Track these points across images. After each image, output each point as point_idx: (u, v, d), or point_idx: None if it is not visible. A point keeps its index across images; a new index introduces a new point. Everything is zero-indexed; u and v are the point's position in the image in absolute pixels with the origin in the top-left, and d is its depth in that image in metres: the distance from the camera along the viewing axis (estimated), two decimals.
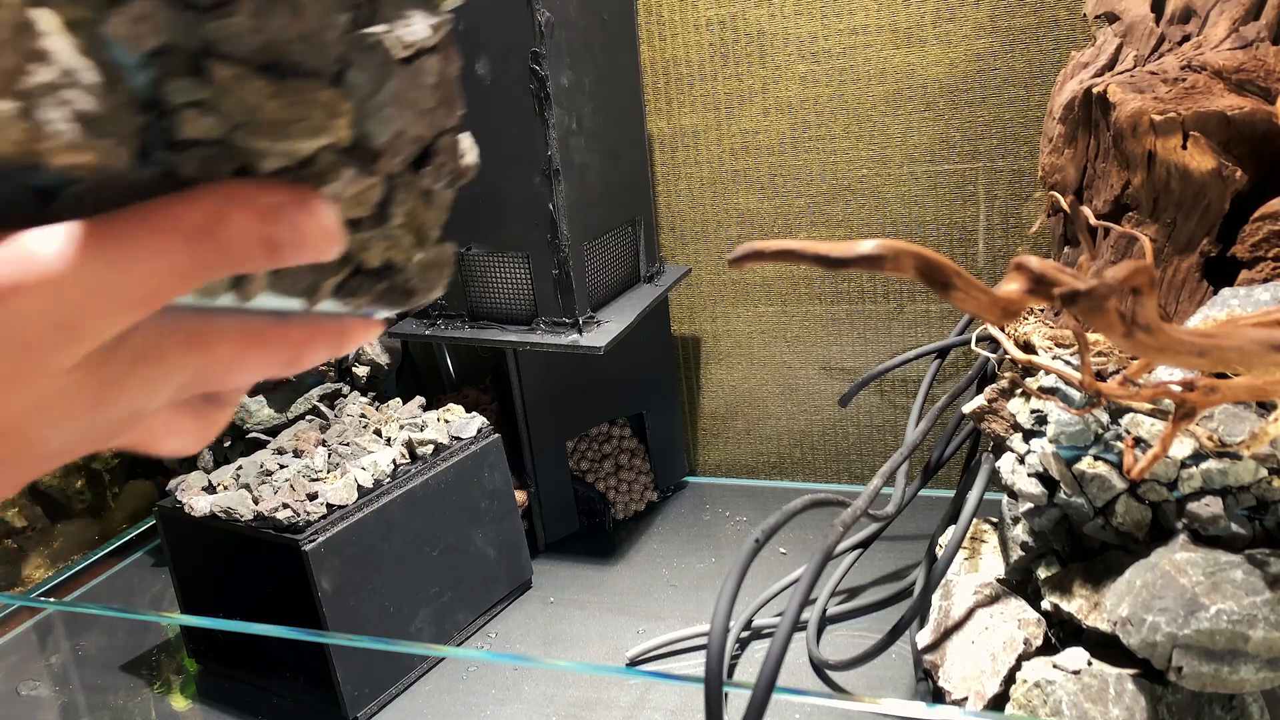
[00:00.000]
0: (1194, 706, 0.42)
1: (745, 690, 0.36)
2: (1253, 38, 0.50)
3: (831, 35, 0.83)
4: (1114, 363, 0.48)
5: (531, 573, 0.75)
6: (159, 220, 0.22)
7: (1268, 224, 0.47)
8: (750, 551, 0.42)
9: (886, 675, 0.57)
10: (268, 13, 0.26)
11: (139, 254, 0.22)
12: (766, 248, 0.27)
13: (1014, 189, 0.81)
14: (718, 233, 0.92)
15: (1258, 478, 0.43)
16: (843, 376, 0.91)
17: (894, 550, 0.72)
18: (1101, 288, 0.26)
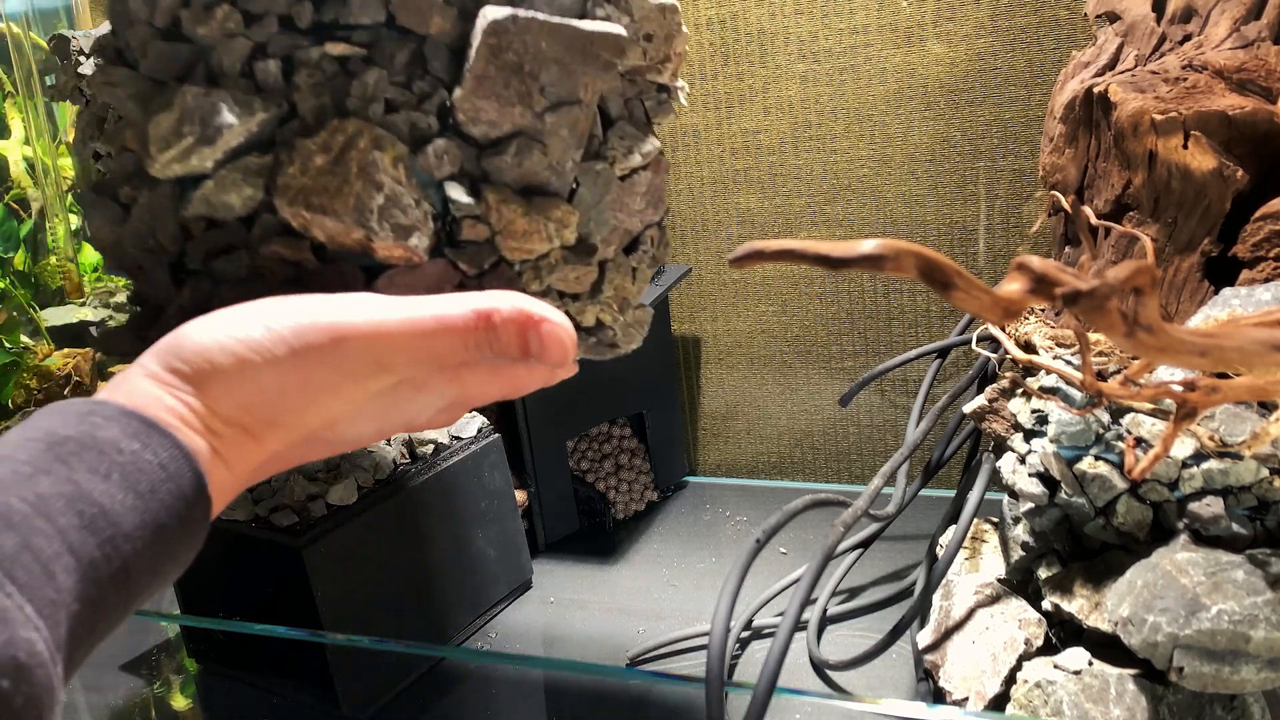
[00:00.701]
0: (1195, 707, 0.42)
1: (746, 690, 0.36)
2: (1254, 37, 0.50)
3: (831, 35, 0.83)
4: (1115, 362, 0.48)
5: (531, 573, 0.75)
6: (456, 309, 0.33)
7: (1269, 224, 0.47)
8: (751, 551, 0.42)
9: (887, 675, 0.57)
10: (526, 152, 0.38)
11: (437, 329, 0.33)
12: (767, 247, 0.27)
13: (1015, 188, 0.81)
14: (718, 232, 0.92)
15: (1259, 478, 0.43)
16: (843, 376, 0.91)
17: (894, 550, 0.72)
18: (1103, 288, 0.26)
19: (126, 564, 0.27)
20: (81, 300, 1.16)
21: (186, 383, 0.31)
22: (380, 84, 0.38)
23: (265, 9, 0.38)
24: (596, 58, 0.39)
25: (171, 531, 0.29)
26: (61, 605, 0.25)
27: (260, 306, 0.32)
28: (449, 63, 0.39)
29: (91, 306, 1.15)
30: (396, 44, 0.39)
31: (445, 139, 0.38)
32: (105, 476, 0.27)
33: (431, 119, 0.38)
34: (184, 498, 0.29)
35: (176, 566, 0.30)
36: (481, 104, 0.38)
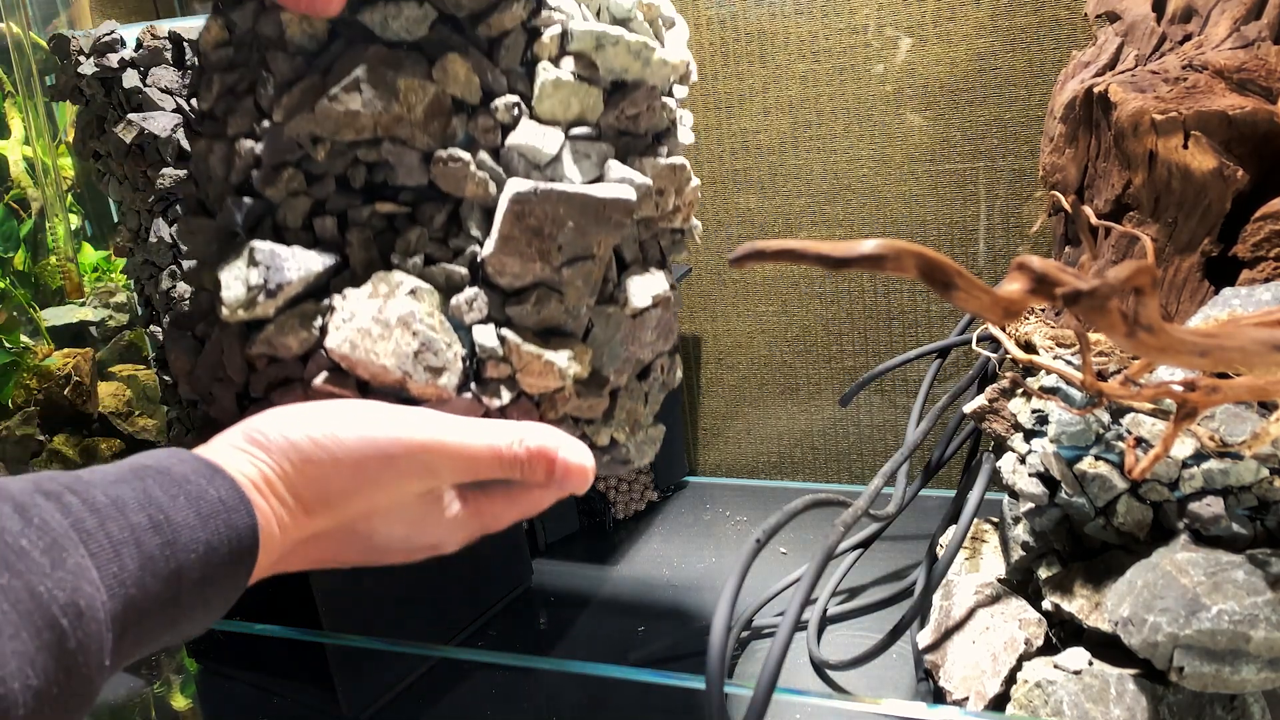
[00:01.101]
0: (1195, 707, 0.42)
1: (746, 690, 0.36)
2: (1254, 37, 0.50)
3: (831, 35, 0.83)
4: (1115, 362, 0.48)
5: (531, 573, 0.75)
6: (494, 435, 0.39)
7: (1269, 223, 0.47)
8: (751, 551, 0.42)
9: (887, 675, 0.57)
10: (545, 301, 0.43)
11: (484, 454, 0.39)
12: (768, 247, 0.27)
13: (1015, 188, 0.81)
14: (718, 232, 0.92)
15: (1259, 478, 0.43)
16: (843, 376, 0.91)
17: (894, 550, 0.72)
18: (1103, 288, 0.26)
19: (180, 570, 0.31)
20: (81, 300, 1.16)
21: (263, 450, 0.36)
22: (421, 240, 0.44)
23: (325, 170, 0.43)
24: (609, 219, 0.44)
25: (221, 557, 0.33)
26: (121, 584, 0.29)
27: (341, 405, 0.39)
28: (482, 220, 0.44)
29: (91, 306, 1.15)
30: (436, 206, 0.44)
31: (475, 289, 0.43)
32: (173, 497, 0.32)
33: (464, 271, 0.44)
34: (236, 531, 0.34)
35: (219, 597, 0.34)
36: (506, 260, 0.43)
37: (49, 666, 0.26)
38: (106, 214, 1.17)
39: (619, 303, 0.47)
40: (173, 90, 0.65)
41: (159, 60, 0.64)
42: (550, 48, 0.44)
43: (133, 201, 0.69)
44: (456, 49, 0.43)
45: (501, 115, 0.43)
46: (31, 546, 0.27)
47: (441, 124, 0.43)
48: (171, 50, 0.64)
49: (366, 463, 0.37)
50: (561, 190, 0.42)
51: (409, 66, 0.42)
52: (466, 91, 0.43)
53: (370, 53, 0.42)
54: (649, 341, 0.49)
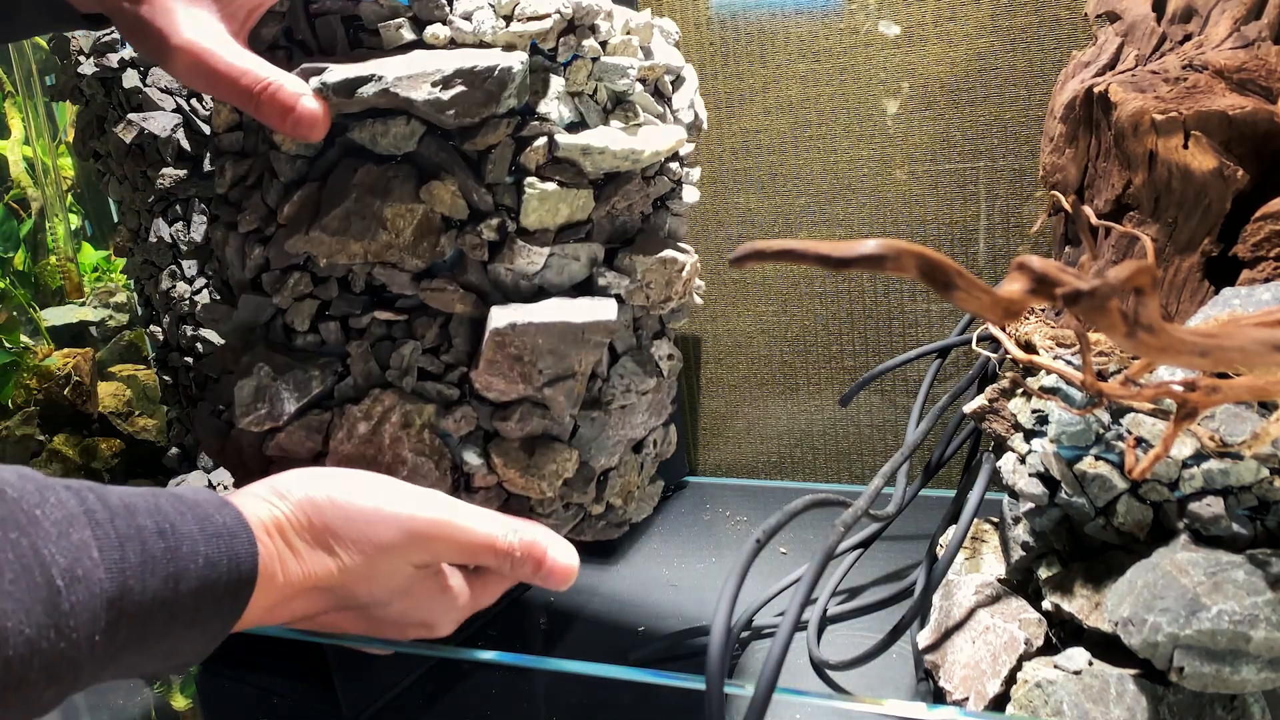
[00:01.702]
0: (1195, 707, 0.42)
1: (746, 690, 0.36)
2: (1254, 37, 0.50)
3: (832, 35, 0.83)
4: (1115, 362, 0.48)
5: None
6: (493, 526, 0.42)
7: (1269, 223, 0.47)
8: (751, 551, 0.41)
9: (887, 675, 0.57)
10: (529, 417, 0.46)
11: (481, 543, 0.42)
12: (768, 247, 0.27)
13: (1015, 188, 0.81)
14: (718, 232, 0.92)
15: (1259, 478, 0.43)
16: (843, 376, 0.91)
17: (894, 550, 0.72)
18: (1104, 288, 0.26)
19: (178, 575, 0.33)
20: (81, 300, 1.16)
21: (281, 500, 0.40)
22: (414, 355, 0.46)
23: (328, 274, 0.46)
24: (588, 341, 0.45)
25: (219, 574, 0.35)
26: (120, 572, 0.31)
27: (363, 475, 0.42)
28: (470, 333, 0.46)
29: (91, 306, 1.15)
30: (428, 320, 0.46)
31: (465, 405, 0.46)
32: (181, 514, 0.35)
33: (454, 389, 0.46)
34: (236, 556, 0.36)
35: (214, 620, 0.36)
36: (492, 379, 0.45)
37: (41, 621, 0.28)
38: (106, 214, 1.17)
39: (606, 403, 0.49)
40: (172, 90, 0.65)
41: None
42: (537, 157, 0.44)
43: (133, 201, 0.69)
44: (443, 164, 0.44)
45: (488, 235, 0.44)
46: (44, 517, 0.29)
47: (430, 243, 0.44)
48: None
49: (375, 528, 0.40)
50: (540, 322, 0.44)
51: (397, 188, 0.44)
52: (453, 210, 0.44)
53: (359, 176, 0.44)
54: (641, 422, 0.52)
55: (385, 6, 0.45)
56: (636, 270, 0.48)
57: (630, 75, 0.47)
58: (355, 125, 0.44)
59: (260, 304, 0.48)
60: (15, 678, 0.27)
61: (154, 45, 0.42)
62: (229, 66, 0.41)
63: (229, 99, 0.42)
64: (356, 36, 0.46)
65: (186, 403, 0.73)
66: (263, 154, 0.48)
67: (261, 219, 0.47)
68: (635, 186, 0.48)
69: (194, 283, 0.67)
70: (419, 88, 0.41)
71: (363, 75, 0.41)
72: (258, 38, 0.47)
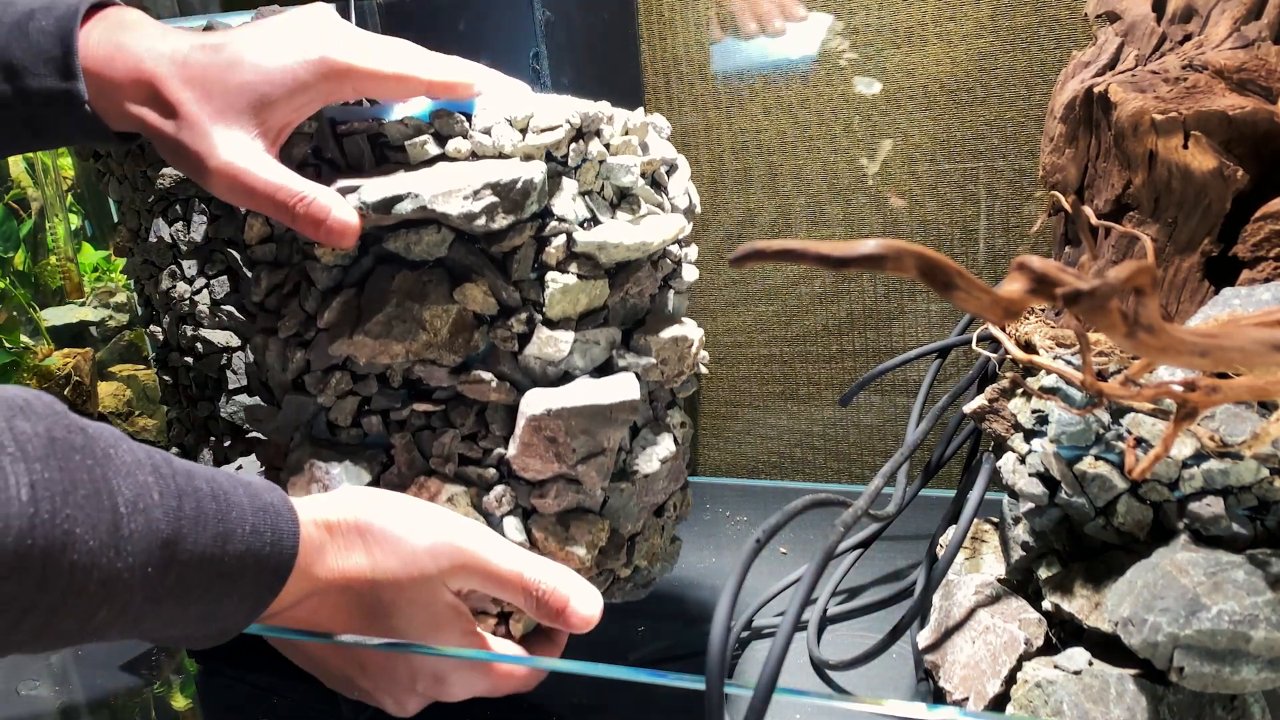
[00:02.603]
0: (1195, 707, 0.42)
1: (746, 690, 0.36)
2: (1254, 37, 0.50)
3: (832, 35, 0.83)
4: (1115, 362, 0.48)
5: None
6: (524, 564, 0.44)
7: (1269, 223, 0.47)
8: (751, 551, 0.41)
9: (887, 675, 0.57)
10: (563, 493, 0.49)
11: (507, 571, 0.44)
12: (768, 247, 0.27)
13: (1015, 188, 0.81)
14: (718, 232, 0.92)
15: (1259, 478, 0.43)
16: (843, 376, 0.91)
17: (894, 550, 0.72)
18: (1104, 288, 0.26)
19: (226, 535, 0.36)
20: (81, 300, 1.16)
21: (329, 499, 0.43)
22: (454, 443, 0.49)
23: (367, 372, 0.49)
24: (615, 419, 0.48)
25: (263, 543, 0.38)
26: (176, 520, 0.34)
27: (410, 501, 0.45)
28: (505, 419, 0.49)
29: (91, 306, 1.15)
30: (465, 409, 0.49)
31: (503, 486, 0.49)
32: (234, 486, 0.38)
33: (493, 471, 0.49)
34: (279, 532, 0.39)
35: (251, 592, 0.38)
36: (528, 460, 0.48)
37: (104, 539, 0.31)
38: (106, 214, 1.17)
39: (631, 474, 0.51)
40: None
41: None
42: (557, 254, 0.48)
43: (133, 201, 0.69)
44: (473, 266, 0.48)
45: (517, 328, 0.48)
46: (116, 456, 0.33)
47: (465, 338, 0.48)
48: None
49: (413, 535, 0.43)
50: (571, 406, 0.47)
51: (432, 291, 0.47)
52: (485, 307, 0.48)
53: (397, 282, 0.47)
54: (662, 488, 0.54)
55: (409, 125, 0.48)
56: (651, 349, 0.52)
57: (634, 172, 0.51)
58: (390, 236, 0.47)
59: (304, 403, 0.51)
60: (76, 584, 0.30)
61: (192, 166, 0.45)
62: (265, 183, 0.44)
63: (267, 212, 0.45)
64: (382, 153, 0.50)
65: (186, 403, 0.73)
66: (297, 264, 0.51)
67: (300, 324, 0.50)
68: (645, 273, 0.52)
69: (194, 283, 0.67)
70: (452, 202, 0.45)
71: (399, 194, 0.45)
72: (288, 157, 0.49)
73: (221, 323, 0.68)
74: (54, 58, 0.45)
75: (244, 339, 0.69)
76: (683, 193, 0.57)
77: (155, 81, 0.44)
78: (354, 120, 0.49)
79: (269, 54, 0.45)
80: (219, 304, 0.68)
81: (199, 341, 0.68)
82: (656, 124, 0.56)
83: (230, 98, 0.44)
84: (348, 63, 0.46)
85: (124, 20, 0.47)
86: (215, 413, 0.70)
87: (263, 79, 0.45)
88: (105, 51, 0.45)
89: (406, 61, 0.47)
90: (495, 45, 0.70)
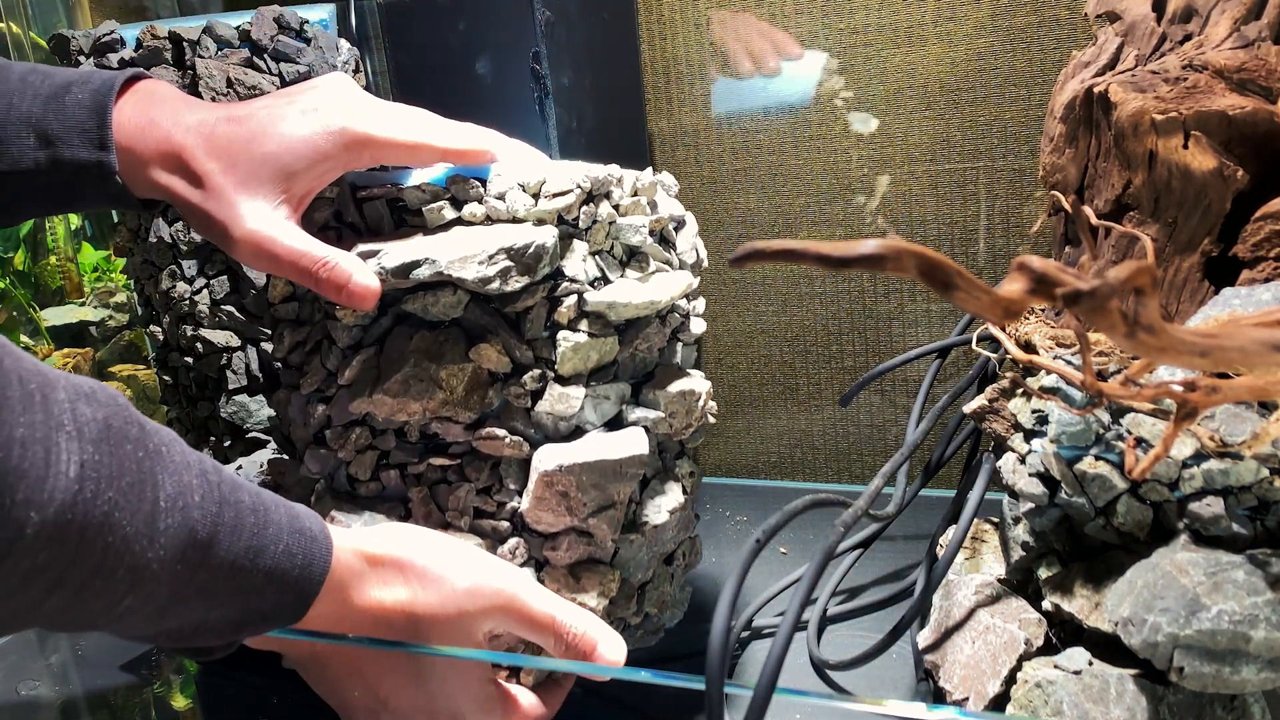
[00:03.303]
0: (1195, 707, 0.42)
1: (746, 690, 0.36)
2: (1254, 37, 0.50)
3: (832, 35, 0.83)
4: (1115, 362, 0.48)
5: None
6: (558, 608, 0.46)
7: (1269, 223, 0.47)
8: (751, 551, 0.41)
9: (887, 675, 0.57)
10: (575, 546, 0.50)
11: (540, 614, 0.45)
12: (767, 247, 0.27)
13: (1015, 188, 0.81)
14: (718, 232, 0.92)
15: (1259, 478, 0.43)
16: (843, 376, 0.91)
17: (894, 550, 0.72)
18: (1104, 288, 0.26)
19: (259, 548, 0.37)
20: (81, 300, 1.16)
21: (372, 532, 0.45)
22: (469, 497, 0.51)
23: (385, 427, 0.51)
24: (625, 474, 0.50)
25: (291, 566, 0.39)
26: (213, 524, 0.35)
27: (451, 541, 0.47)
28: (519, 473, 0.51)
29: (91, 306, 1.15)
30: (480, 464, 0.50)
31: (517, 538, 0.51)
32: (276, 506, 0.39)
33: (507, 524, 0.51)
34: (310, 557, 0.40)
35: (276, 607, 0.39)
36: (541, 514, 0.49)
37: (140, 528, 0.32)
38: (106, 214, 1.17)
39: (641, 525, 0.52)
40: None
41: (158, 60, 0.64)
42: (569, 313, 0.50)
43: None
44: (488, 326, 0.49)
45: (530, 385, 0.49)
46: (167, 454, 0.34)
47: (480, 396, 0.49)
48: (171, 50, 0.64)
49: (453, 572, 0.44)
50: (582, 461, 0.48)
51: (449, 351, 0.49)
52: (499, 366, 0.49)
53: (415, 342, 0.49)
54: (671, 537, 0.55)
55: (427, 191, 0.50)
56: (660, 403, 0.53)
57: (642, 232, 0.52)
58: (408, 297, 0.49)
59: (324, 457, 0.53)
60: (107, 566, 0.31)
61: (218, 234, 0.47)
62: (288, 250, 0.46)
63: (290, 277, 0.47)
64: (401, 217, 0.51)
65: (186, 403, 0.73)
66: (319, 322, 0.53)
67: (322, 381, 0.52)
68: (654, 329, 0.53)
69: (194, 283, 0.67)
70: (468, 267, 0.46)
71: (417, 259, 0.47)
72: (310, 220, 0.51)
73: (221, 323, 0.68)
74: (88, 130, 0.47)
75: (244, 339, 0.69)
76: (690, 248, 0.58)
77: (183, 153, 0.46)
78: (374, 186, 0.51)
79: (292, 125, 0.47)
80: (219, 304, 0.68)
81: (199, 341, 0.68)
82: (665, 182, 0.58)
83: (254, 168, 0.46)
84: (367, 133, 0.48)
85: (155, 94, 0.49)
86: (215, 413, 0.70)
87: (285, 149, 0.47)
88: (137, 125, 0.47)
89: (423, 130, 0.49)
90: (495, 45, 0.70)
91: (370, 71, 0.83)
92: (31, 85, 0.48)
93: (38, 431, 0.29)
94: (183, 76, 0.64)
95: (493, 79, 0.71)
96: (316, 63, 0.67)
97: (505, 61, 0.70)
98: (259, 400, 0.77)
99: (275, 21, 0.65)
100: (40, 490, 0.28)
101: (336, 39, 0.69)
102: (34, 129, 0.47)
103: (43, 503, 0.28)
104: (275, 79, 0.65)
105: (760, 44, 0.84)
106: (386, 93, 0.82)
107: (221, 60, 0.64)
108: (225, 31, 0.64)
